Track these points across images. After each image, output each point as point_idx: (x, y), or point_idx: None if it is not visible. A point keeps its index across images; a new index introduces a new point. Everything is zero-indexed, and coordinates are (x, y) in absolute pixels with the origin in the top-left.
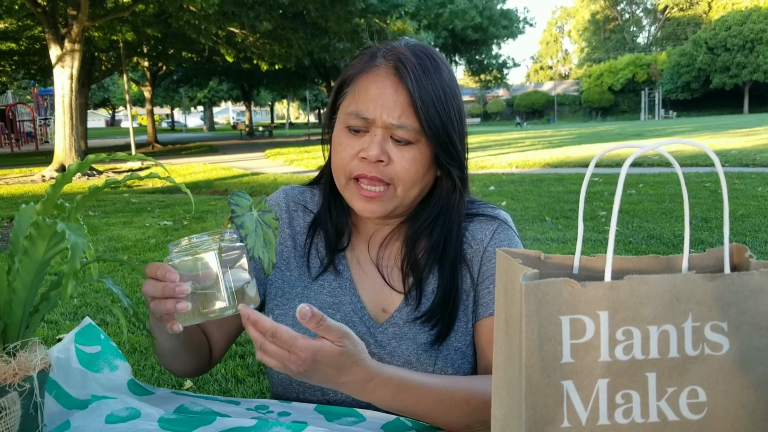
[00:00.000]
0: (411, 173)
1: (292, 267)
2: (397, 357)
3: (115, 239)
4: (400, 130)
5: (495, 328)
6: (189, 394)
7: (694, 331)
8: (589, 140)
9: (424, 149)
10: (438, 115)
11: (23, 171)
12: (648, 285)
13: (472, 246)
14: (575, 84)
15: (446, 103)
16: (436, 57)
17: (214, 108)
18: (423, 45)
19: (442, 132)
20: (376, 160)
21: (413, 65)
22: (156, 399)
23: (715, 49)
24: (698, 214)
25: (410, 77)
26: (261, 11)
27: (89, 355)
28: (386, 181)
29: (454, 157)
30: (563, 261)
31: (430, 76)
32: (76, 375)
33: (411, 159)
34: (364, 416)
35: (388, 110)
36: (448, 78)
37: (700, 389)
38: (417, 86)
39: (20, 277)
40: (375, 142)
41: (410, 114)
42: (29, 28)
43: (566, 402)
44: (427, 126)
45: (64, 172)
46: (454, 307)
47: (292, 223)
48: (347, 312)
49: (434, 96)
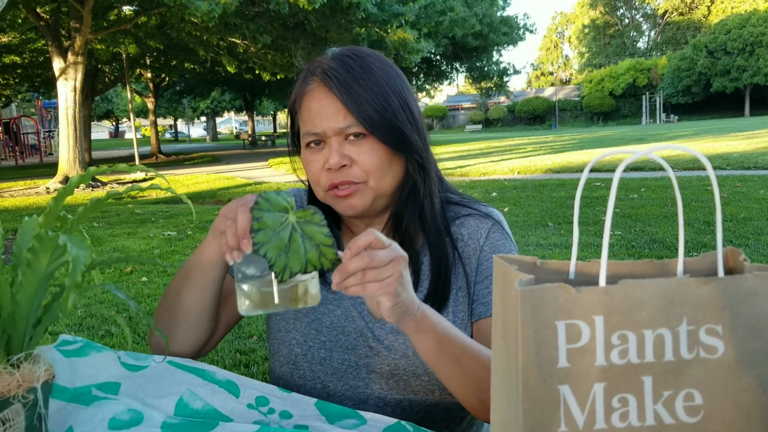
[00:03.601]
0: (375, 163)
1: None
2: (395, 351)
3: (120, 250)
4: (349, 129)
5: (493, 334)
6: (184, 365)
7: (689, 334)
8: (590, 145)
9: (377, 139)
10: (374, 109)
11: (28, 183)
12: (642, 289)
13: (469, 245)
14: (576, 89)
15: (380, 95)
16: (363, 55)
17: (217, 118)
18: (349, 49)
19: (382, 123)
20: (339, 167)
21: (336, 72)
22: (151, 375)
23: (716, 52)
24: (700, 217)
25: (335, 84)
26: (261, 23)
27: (72, 351)
28: (357, 181)
29: (405, 143)
30: (559, 266)
31: (356, 76)
32: (65, 366)
33: (369, 150)
34: (365, 418)
35: (331, 119)
36: (380, 72)
37: (696, 392)
38: (344, 90)
39: (23, 290)
40: (333, 151)
41: (348, 115)
42: (32, 41)
43: (563, 406)
44: (365, 122)
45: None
46: (444, 293)
47: None
48: (347, 306)
49: (366, 92)
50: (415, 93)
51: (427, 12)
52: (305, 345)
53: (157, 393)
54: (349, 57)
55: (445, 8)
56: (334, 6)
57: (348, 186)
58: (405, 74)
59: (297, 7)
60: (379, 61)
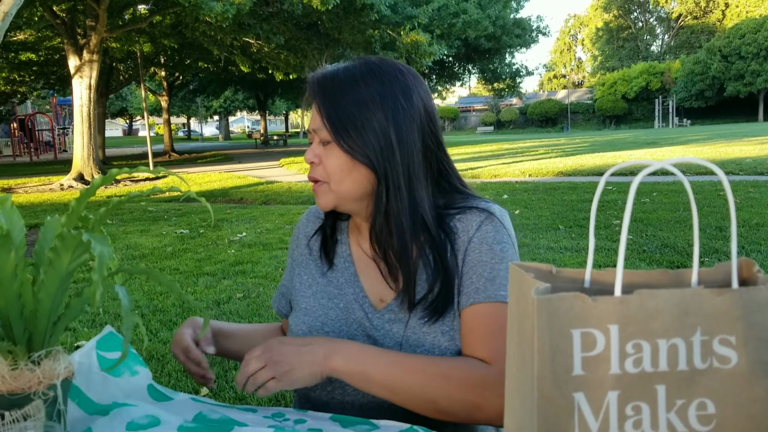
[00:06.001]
0: (334, 167)
1: (310, 269)
2: (390, 338)
3: (133, 247)
4: (319, 134)
5: (508, 340)
6: (207, 401)
7: (703, 344)
8: (602, 148)
9: (338, 147)
10: (340, 121)
11: (42, 180)
12: (657, 299)
13: (460, 236)
14: (588, 92)
15: (352, 112)
16: (354, 72)
17: (229, 117)
18: (344, 66)
19: (345, 136)
20: (309, 162)
21: (318, 84)
22: (175, 405)
23: (729, 57)
24: (713, 223)
25: (316, 94)
26: (275, 23)
27: (110, 361)
28: (321, 180)
29: (366, 159)
30: (575, 275)
31: (337, 88)
32: (98, 380)
33: (333, 155)
34: (378, 425)
35: (313, 121)
36: (367, 90)
37: (708, 401)
38: (321, 99)
39: (45, 288)
40: (310, 148)
41: (319, 119)
42: (48, 39)
43: (577, 413)
44: (329, 131)
45: (83, 180)
46: (444, 293)
47: (307, 232)
48: (349, 300)
49: (341, 105)
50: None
51: (440, 14)
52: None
53: (176, 411)
54: (338, 73)
55: (458, 10)
56: (348, 7)
57: (317, 183)
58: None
59: (310, 7)
60: (368, 78)
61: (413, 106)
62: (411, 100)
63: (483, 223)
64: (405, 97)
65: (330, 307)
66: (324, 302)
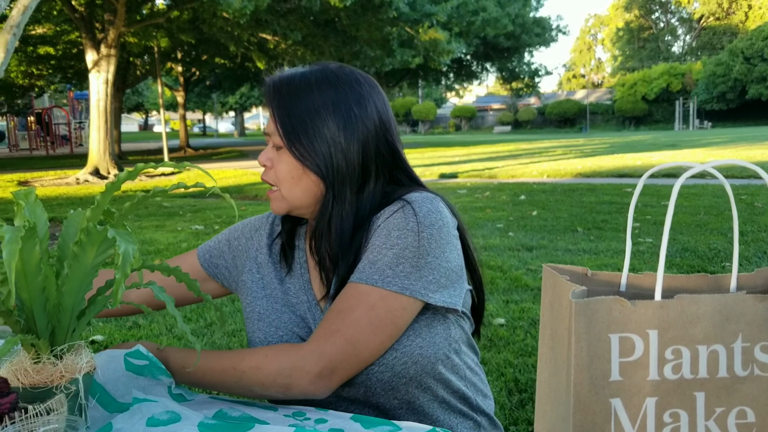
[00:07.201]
0: (284, 173)
1: (268, 270)
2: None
3: (148, 242)
4: (272, 138)
5: (540, 343)
6: (227, 398)
7: (744, 351)
8: (621, 150)
9: (289, 153)
10: (291, 127)
11: (58, 173)
12: (698, 305)
13: (374, 226)
14: (608, 93)
15: (306, 117)
16: (310, 78)
17: (245, 113)
18: (301, 72)
19: (295, 142)
20: (262, 165)
21: (274, 89)
22: (195, 404)
23: (752, 59)
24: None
25: (272, 98)
26: (292, 20)
27: (137, 366)
28: (273, 183)
29: (315, 167)
30: (610, 278)
31: (292, 94)
32: (122, 379)
33: (283, 161)
34: (400, 427)
35: (268, 124)
36: (319, 97)
37: (748, 410)
38: (276, 104)
39: (69, 282)
40: (264, 151)
41: (273, 124)
42: (66, 33)
43: (614, 420)
44: (280, 136)
45: (98, 174)
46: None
47: (272, 234)
48: (303, 311)
49: (293, 111)
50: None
51: (459, 12)
52: (266, 342)
53: (197, 408)
54: (292, 78)
55: (477, 8)
56: (366, 4)
57: (271, 190)
58: (435, 74)
59: (328, 4)
60: (331, 86)
61: (367, 115)
62: (365, 108)
63: (396, 211)
64: (359, 106)
65: (283, 311)
66: (278, 307)
